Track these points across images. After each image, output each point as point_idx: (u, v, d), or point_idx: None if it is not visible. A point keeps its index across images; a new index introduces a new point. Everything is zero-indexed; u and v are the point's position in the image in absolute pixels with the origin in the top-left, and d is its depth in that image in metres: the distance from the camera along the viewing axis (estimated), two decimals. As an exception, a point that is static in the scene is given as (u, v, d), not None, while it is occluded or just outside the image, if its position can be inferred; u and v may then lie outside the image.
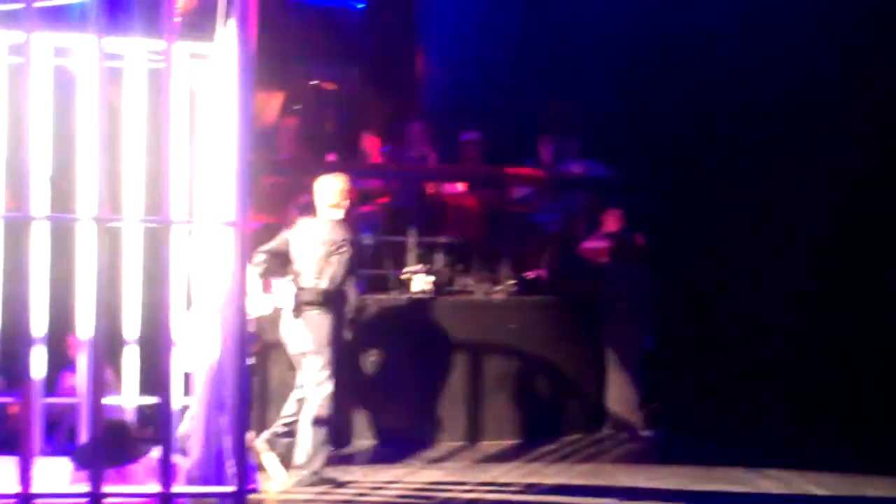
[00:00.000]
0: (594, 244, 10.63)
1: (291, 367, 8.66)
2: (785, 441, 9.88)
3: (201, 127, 6.38)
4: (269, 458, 8.15)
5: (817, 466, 9.02)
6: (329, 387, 7.94)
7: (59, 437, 8.05)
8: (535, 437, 10.10)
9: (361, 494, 8.10)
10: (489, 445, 9.95)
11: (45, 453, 6.98)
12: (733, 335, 11.05)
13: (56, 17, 7.06)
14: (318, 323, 7.97)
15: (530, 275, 10.88)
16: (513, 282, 10.73)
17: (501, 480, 8.71)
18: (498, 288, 10.65)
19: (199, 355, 6.15)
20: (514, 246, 10.93)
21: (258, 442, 8.18)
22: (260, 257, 7.97)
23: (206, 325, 5.98)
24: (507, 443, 10.03)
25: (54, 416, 7.97)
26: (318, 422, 7.97)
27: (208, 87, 6.31)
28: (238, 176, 4.71)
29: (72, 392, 7.46)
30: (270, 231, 8.63)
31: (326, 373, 7.95)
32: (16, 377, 4.65)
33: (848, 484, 8.64)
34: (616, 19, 12.09)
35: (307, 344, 8.01)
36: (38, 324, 6.04)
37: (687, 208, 11.21)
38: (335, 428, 8.35)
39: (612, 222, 10.61)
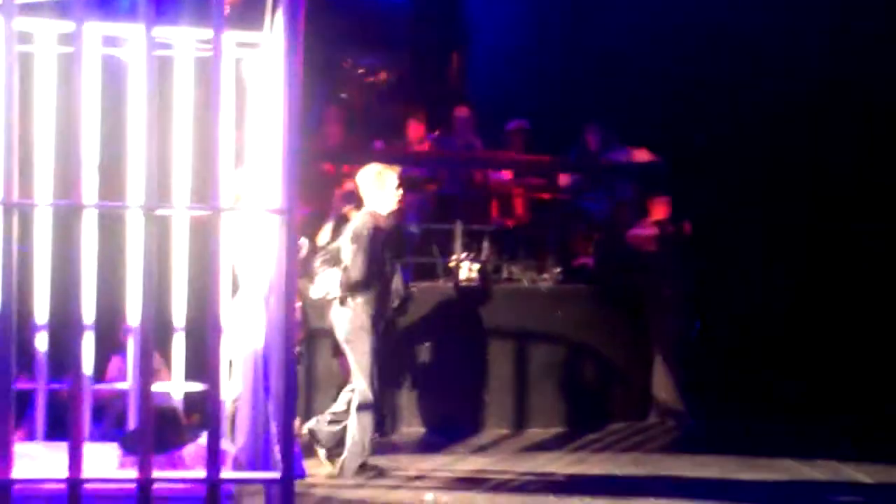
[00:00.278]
0: (641, 232, 10.58)
1: (336, 354, 8.71)
2: (833, 431, 9.81)
3: (250, 115, 6.41)
4: (317, 444, 8.20)
5: (866, 457, 8.96)
6: (367, 375, 7.96)
7: (107, 422, 8.13)
8: (581, 425, 10.10)
9: (407, 482, 8.13)
10: (535, 433, 9.96)
11: (93, 439, 7.07)
12: (781, 324, 10.98)
13: (106, 6, 7.13)
14: (349, 313, 8.02)
15: (576, 263, 10.86)
16: (559, 270, 10.71)
17: (547, 468, 8.71)
18: (544, 276, 10.64)
19: (246, 342, 6.18)
20: (560, 234, 10.91)
21: (305, 427, 8.23)
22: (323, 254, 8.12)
23: (253, 313, 6.01)
24: (553, 431, 10.03)
25: (103, 402, 8.07)
26: (361, 409, 8.00)
27: (257, 76, 6.34)
28: (285, 164, 4.73)
29: (121, 378, 7.54)
30: (317, 219, 8.68)
31: (364, 361, 7.98)
32: (65, 364, 4.68)
33: (898, 474, 8.60)
34: (662, 6, 12.02)
35: (341, 333, 8.07)
36: (88, 311, 6.11)
37: (734, 197, 11.14)
38: (381, 415, 8.38)
39: (659, 210, 10.55)
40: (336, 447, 8.16)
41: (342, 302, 8.05)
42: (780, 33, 11.35)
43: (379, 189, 8.11)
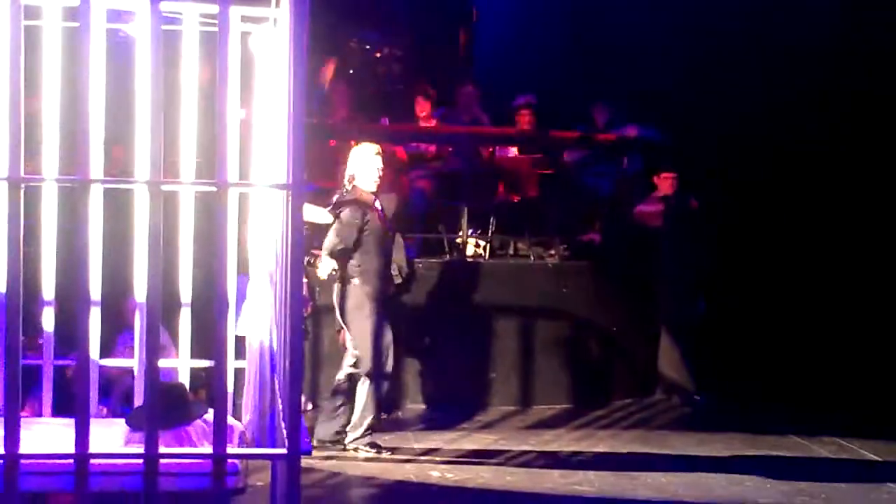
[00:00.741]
0: (648, 208, 10.56)
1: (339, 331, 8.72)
2: (843, 410, 9.80)
3: (258, 90, 6.40)
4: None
5: (877, 436, 8.96)
6: (368, 354, 7.99)
7: (114, 399, 8.14)
8: (587, 401, 10.11)
9: (413, 458, 8.14)
10: (540, 410, 9.97)
11: (100, 415, 7.08)
12: (788, 301, 10.96)
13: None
14: (347, 292, 8.07)
15: (583, 239, 10.84)
16: (566, 246, 10.70)
17: (553, 445, 8.73)
18: (551, 252, 10.64)
19: (253, 318, 6.18)
20: (567, 210, 10.89)
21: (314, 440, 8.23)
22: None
23: (260, 289, 6.01)
24: (559, 407, 10.04)
25: (110, 378, 8.07)
26: (366, 386, 8.03)
27: (264, 51, 6.32)
28: (292, 139, 4.71)
29: (128, 355, 7.54)
30: (323, 195, 8.66)
31: (363, 341, 8.01)
32: (72, 340, 4.68)
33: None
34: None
35: (340, 312, 8.12)
36: (94, 287, 6.10)
37: (739, 173, 11.10)
38: (386, 392, 8.40)
39: (666, 186, 10.53)
40: (339, 433, 8.22)
41: (341, 281, 8.08)
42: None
43: (360, 165, 8.16)
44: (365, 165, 8.17)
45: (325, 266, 8.17)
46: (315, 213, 8.14)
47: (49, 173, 5.99)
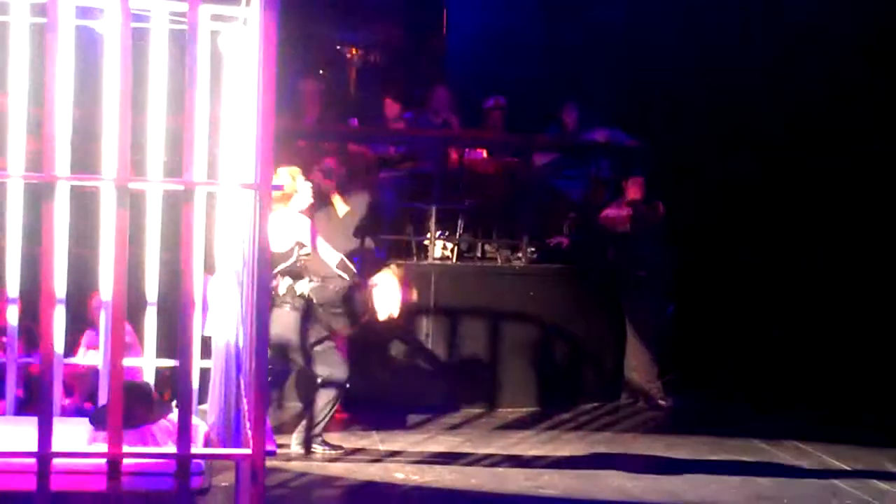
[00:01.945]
0: (615, 212, 10.59)
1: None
2: (804, 414, 9.88)
3: (227, 89, 6.38)
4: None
5: (836, 440, 9.03)
6: (325, 350, 8.00)
7: (79, 397, 8.10)
8: (553, 404, 10.13)
9: (379, 459, 8.14)
10: (507, 412, 9.98)
11: (64, 414, 7.04)
12: (753, 306, 11.02)
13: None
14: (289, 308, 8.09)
15: (551, 242, 10.86)
16: (533, 249, 10.73)
17: (518, 447, 8.75)
18: (518, 255, 10.65)
19: (218, 318, 6.16)
20: (535, 213, 10.91)
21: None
22: None
23: (227, 289, 5.99)
24: (525, 410, 10.06)
25: (75, 377, 8.03)
26: (325, 386, 8.03)
27: (233, 50, 6.30)
28: (260, 139, 4.69)
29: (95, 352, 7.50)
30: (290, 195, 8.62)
31: (320, 337, 8.02)
32: (37, 338, 4.65)
33: (868, 457, 8.64)
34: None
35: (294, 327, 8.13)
36: (59, 285, 6.07)
37: (707, 177, 11.15)
38: (350, 393, 8.40)
39: (633, 191, 10.56)
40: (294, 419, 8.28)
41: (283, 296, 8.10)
42: (768, 11, 11.34)
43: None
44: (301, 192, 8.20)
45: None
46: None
47: (15, 170, 5.95)
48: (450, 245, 10.71)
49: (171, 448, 4.77)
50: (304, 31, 12.59)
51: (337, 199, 8.49)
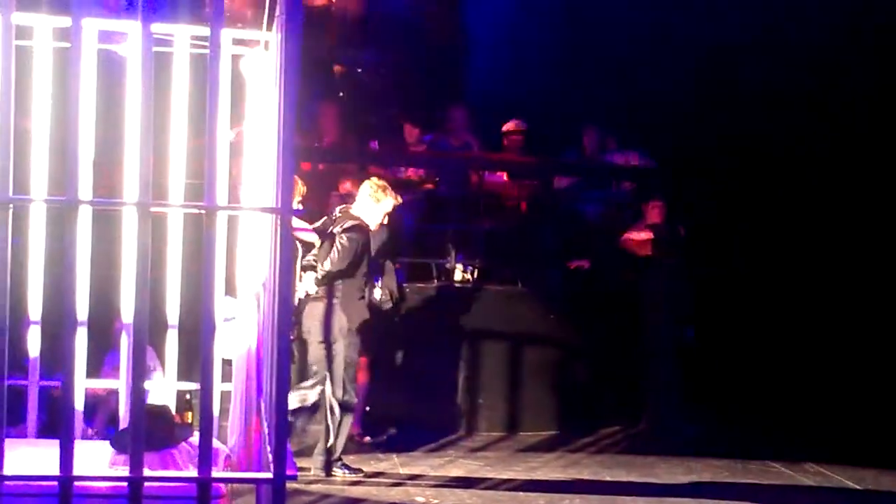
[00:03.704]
0: (636, 235, 10.57)
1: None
2: (824, 437, 9.81)
3: (249, 113, 6.40)
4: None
5: (856, 462, 8.97)
6: (343, 377, 7.99)
7: (100, 420, 8.11)
8: (574, 428, 10.10)
9: (399, 482, 8.12)
10: (527, 436, 9.96)
11: (86, 436, 7.05)
12: (774, 328, 10.97)
13: (107, 1, 7.12)
14: (324, 312, 8.05)
15: (572, 265, 10.85)
16: (554, 272, 10.71)
17: (539, 471, 8.72)
18: (538, 278, 10.63)
19: (239, 341, 6.16)
20: (555, 236, 10.89)
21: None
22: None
23: (247, 312, 6.00)
24: (546, 434, 10.03)
25: (97, 399, 8.04)
26: (341, 409, 8.01)
27: (255, 74, 6.33)
28: (281, 163, 4.70)
29: (115, 375, 7.51)
30: (311, 218, 8.65)
31: (342, 363, 8.00)
32: (59, 361, 4.65)
33: (888, 480, 8.58)
34: (662, 9, 12.00)
35: (322, 334, 8.10)
36: (81, 308, 6.08)
37: (729, 200, 11.13)
38: (371, 416, 8.39)
39: (654, 214, 10.54)
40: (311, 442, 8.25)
41: (323, 302, 8.06)
42: (781, 31, 11.32)
43: (374, 203, 8.15)
44: (380, 206, 8.16)
45: (306, 285, 8.16)
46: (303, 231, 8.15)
47: (38, 194, 5.98)
48: (470, 268, 10.70)
49: (192, 472, 4.76)
50: (324, 53, 12.65)
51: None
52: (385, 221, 8.28)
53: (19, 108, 4.90)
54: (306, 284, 8.13)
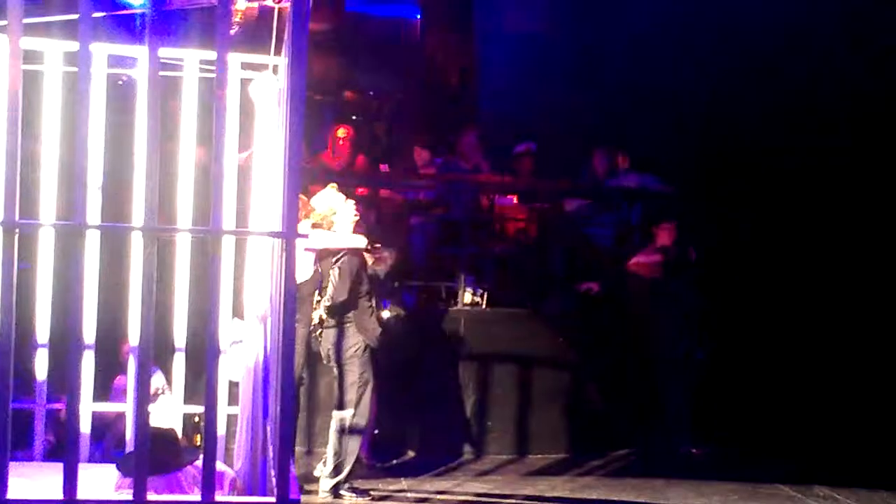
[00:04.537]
0: (646, 258, 10.55)
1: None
2: (834, 459, 9.77)
3: (258, 137, 6.43)
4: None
5: (867, 485, 8.92)
6: (358, 399, 7.99)
7: (108, 442, 8.13)
8: (583, 451, 10.05)
9: (407, 506, 8.12)
10: (537, 459, 9.92)
11: (94, 459, 7.07)
12: (784, 351, 10.93)
13: (118, 26, 7.16)
14: (343, 337, 8.05)
15: (581, 288, 10.84)
16: (564, 295, 10.70)
17: (548, 494, 8.67)
18: (548, 300, 10.63)
19: (245, 365, 6.19)
20: (566, 259, 10.89)
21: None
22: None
23: (254, 335, 6.02)
24: (555, 456, 9.99)
25: (105, 421, 8.06)
26: (350, 432, 8.01)
27: (263, 97, 6.36)
28: (286, 187, 4.73)
29: (123, 398, 7.54)
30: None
31: (356, 386, 8.00)
32: (65, 383, 4.68)
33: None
34: (672, 34, 12.02)
35: (334, 357, 8.10)
36: (88, 331, 6.11)
37: (737, 222, 11.12)
38: (379, 439, 8.38)
39: (664, 236, 10.53)
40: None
41: (335, 327, 8.05)
42: (798, 47, 11.32)
43: (339, 212, 8.08)
44: (343, 212, 8.12)
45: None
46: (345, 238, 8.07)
47: (46, 217, 6.02)
48: (480, 290, 10.70)
49: (196, 496, 4.78)
50: (336, 76, 12.70)
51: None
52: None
53: (30, 131, 4.95)
54: (320, 310, 8.11)
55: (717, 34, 11.60)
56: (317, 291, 8.05)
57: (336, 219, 8.00)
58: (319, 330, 8.09)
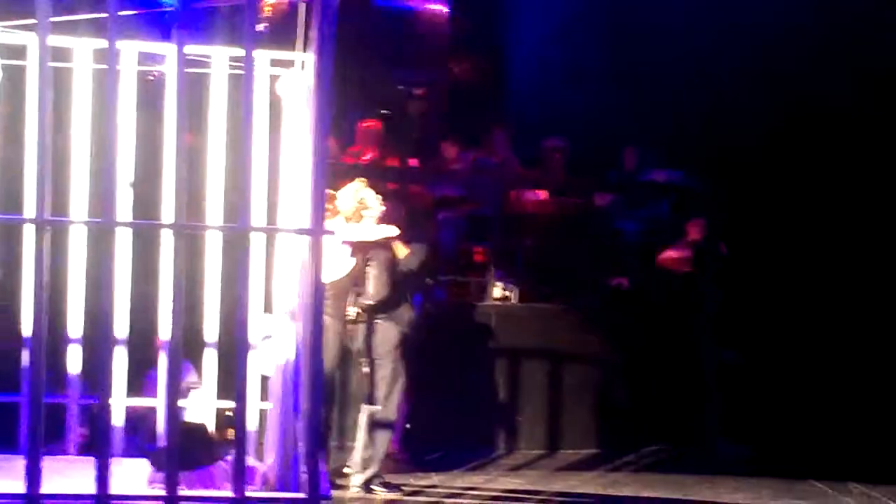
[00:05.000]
0: (676, 254, 10.52)
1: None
2: (869, 456, 9.71)
3: (286, 134, 6.44)
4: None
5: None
6: (389, 393, 7.99)
7: (142, 437, 8.16)
8: (615, 446, 10.03)
9: (438, 501, 8.12)
10: (568, 454, 9.92)
11: (126, 454, 7.10)
12: (817, 347, 10.87)
13: (148, 24, 7.20)
14: (378, 332, 8.05)
15: (612, 283, 10.82)
16: (594, 290, 10.68)
17: (580, 490, 8.67)
18: (578, 296, 10.61)
19: (276, 360, 6.20)
20: (595, 254, 10.87)
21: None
22: None
23: (284, 331, 6.03)
24: (586, 452, 9.98)
25: (138, 416, 8.09)
26: (379, 426, 8.02)
27: (291, 94, 6.37)
28: (314, 184, 4.74)
29: (156, 392, 7.57)
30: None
31: (389, 380, 8.01)
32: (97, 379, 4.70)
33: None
34: (702, 28, 11.97)
35: (370, 351, 8.10)
36: (120, 327, 6.14)
37: (769, 219, 11.06)
38: (411, 433, 8.39)
39: (694, 232, 10.49)
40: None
41: (370, 322, 8.06)
42: (824, 45, 11.25)
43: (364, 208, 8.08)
44: (371, 206, 8.11)
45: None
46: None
47: (77, 215, 6.05)
48: (510, 285, 10.69)
49: (228, 491, 4.80)
50: (365, 71, 12.70)
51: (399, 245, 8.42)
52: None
53: (60, 129, 4.98)
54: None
55: (748, 30, 11.55)
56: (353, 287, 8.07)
57: (365, 213, 8.02)
58: (353, 325, 8.11)
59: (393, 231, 8.01)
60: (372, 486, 8.07)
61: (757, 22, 11.53)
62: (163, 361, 6.45)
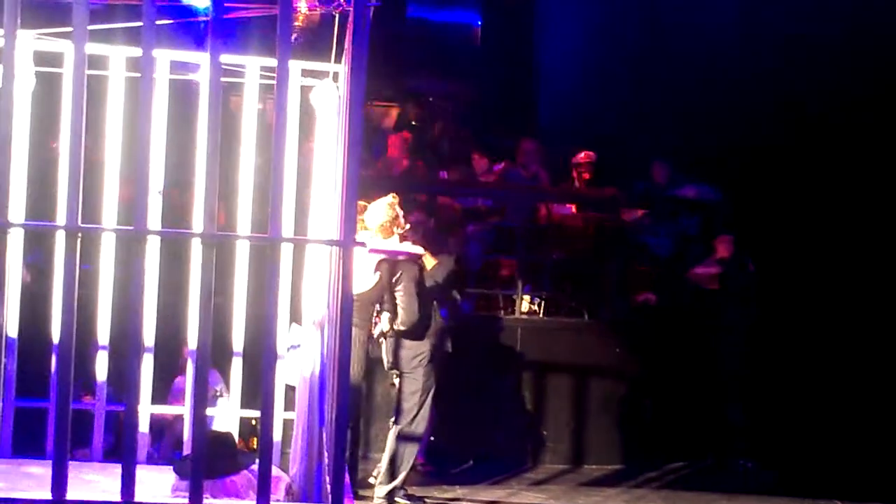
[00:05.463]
0: (705, 270, 10.49)
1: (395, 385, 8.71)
2: (893, 476, 9.64)
3: (319, 144, 6.46)
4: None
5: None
6: (416, 407, 7.99)
7: (167, 444, 8.20)
8: (639, 462, 10.00)
9: (461, 514, 8.12)
10: (592, 469, 9.89)
11: (152, 460, 7.14)
12: (842, 366, 10.81)
13: (184, 32, 7.25)
14: (406, 347, 8.04)
15: (639, 298, 10.80)
16: (621, 305, 10.66)
17: (603, 505, 8.66)
18: (605, 311, 10.59)
19: (302, 370, 6.22)
20: (623, 269, 10.85)
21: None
22: None
23: (311, 341, 6.04)
24: (610, 467, 9.95)
25: (164, 423, 8.13)
26: (405, 439, 8.01)
27: (324, 104, 6.39)
28: (345, 195, 4.74)
29: (182, 400, 7.60)
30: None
31: (416, 394, 7.99)
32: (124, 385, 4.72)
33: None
34: (732, 44, 11.95)
35: (398, 366, 8.09)
36: (147, 334, 6.17)
37: (797, 234, 11.02)
38: (434, 446, 8.37)
39: (723, 248, 10.47)
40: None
41: (398, 336, 8.03)
42: (853, 59, 11.21)
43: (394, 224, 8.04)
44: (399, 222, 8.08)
45: (383, 325, 8.10)
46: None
47: (107, 222, 6.08)
48: (537, 299, 10.69)
49: (252, 500, 4.80)
50: (396, 83, 12.75)
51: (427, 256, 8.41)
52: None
53: (94, 136, 5.00)
54: (383, 325, 8.06)
55: (771, 46, 11.53)
56: (378, 304, 8.02)
57: (396, 229, 7.98)
58: (381, 339, 8.10)
59: (419, 250, 8.00)
60: (395, 499, 8.07)
61: (791, 33, 11.50)
62: (190, 369, 6.49)
